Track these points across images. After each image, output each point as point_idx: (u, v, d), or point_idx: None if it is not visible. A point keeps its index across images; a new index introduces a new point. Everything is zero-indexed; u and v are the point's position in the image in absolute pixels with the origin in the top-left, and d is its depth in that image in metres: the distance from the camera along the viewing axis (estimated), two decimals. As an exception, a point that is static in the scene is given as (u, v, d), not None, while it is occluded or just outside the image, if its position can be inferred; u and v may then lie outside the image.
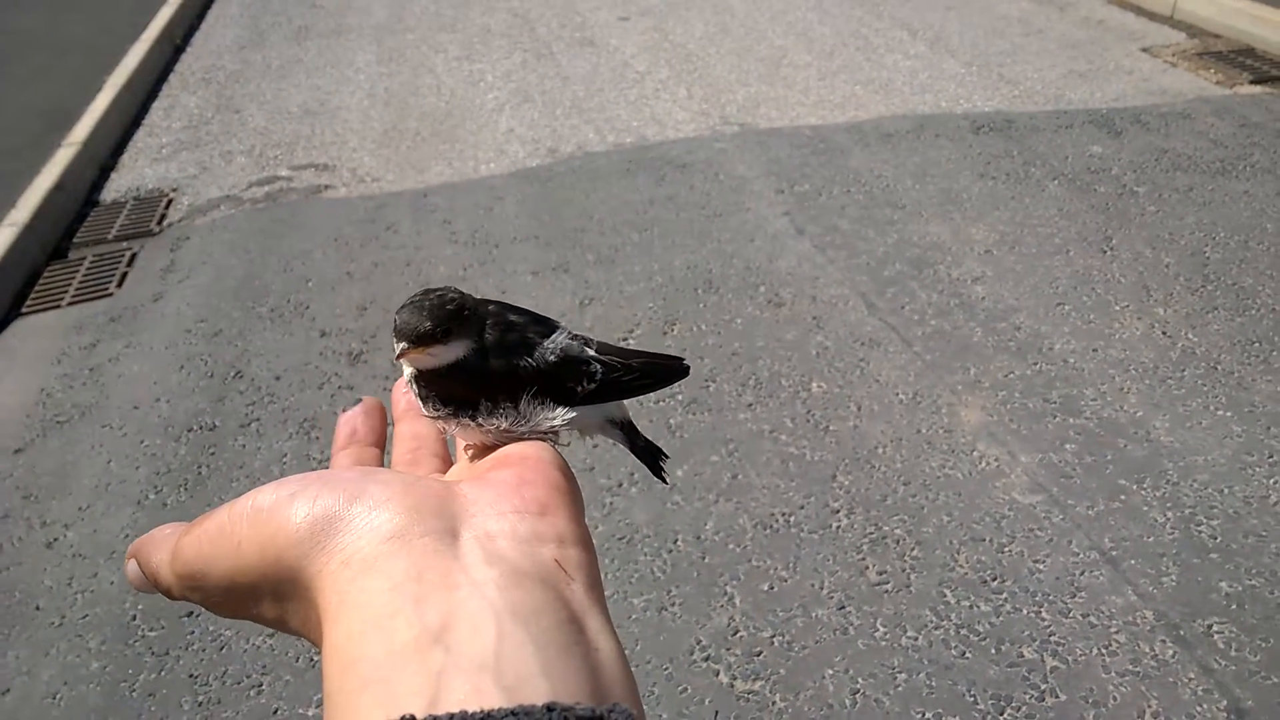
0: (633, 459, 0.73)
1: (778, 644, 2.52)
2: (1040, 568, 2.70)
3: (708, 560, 2.79)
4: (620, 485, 3.04)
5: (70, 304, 4.28)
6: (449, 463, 0.63)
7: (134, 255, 4.65)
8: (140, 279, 4.45)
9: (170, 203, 5.14)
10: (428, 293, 0.61)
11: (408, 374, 0.63)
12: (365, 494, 0.45)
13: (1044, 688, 2.38)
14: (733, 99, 6.04)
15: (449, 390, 0.61)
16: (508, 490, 0.48)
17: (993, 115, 5.62)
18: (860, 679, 2.42)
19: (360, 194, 5.12)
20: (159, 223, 4.93)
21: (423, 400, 0.62)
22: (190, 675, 2.54)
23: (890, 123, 5.59)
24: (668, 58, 6.82)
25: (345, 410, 0.66)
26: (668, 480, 0.68)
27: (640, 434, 0.72)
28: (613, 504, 2.98)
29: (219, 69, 7.11)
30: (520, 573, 0.42)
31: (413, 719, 0.35)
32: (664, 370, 0.68)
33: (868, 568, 2.74)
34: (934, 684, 2.40)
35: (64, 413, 3.55)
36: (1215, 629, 2.50)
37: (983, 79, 6.18)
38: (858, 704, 2.37)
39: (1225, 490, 2.93)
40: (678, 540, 2.85)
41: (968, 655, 2.47)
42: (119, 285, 4.40)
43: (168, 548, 0.50)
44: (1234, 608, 2.56)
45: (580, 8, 8.05)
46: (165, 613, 2.71)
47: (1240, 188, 4.69)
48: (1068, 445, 3.14)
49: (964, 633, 2.52)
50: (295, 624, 0.46)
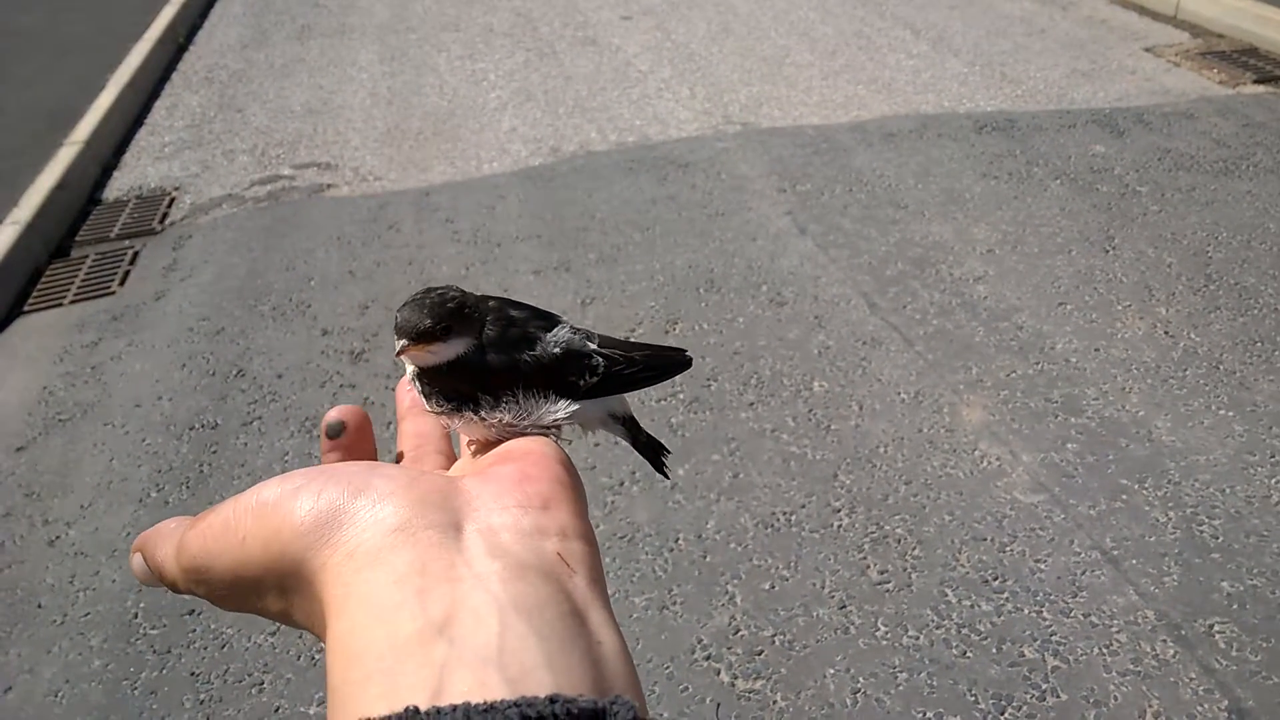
0: (633, 458, 0.73)
1: (779, 643, 2.52)
2: (1042, 567, 2.70)
3: (709, 559, 2.79)
4: (622, 484, 3.04)
5: (72, 302, 4.28)
6: (453, 459, 0.63)
7: (136, 254, 4.66)
8: (142, 277, 4.45)
9: (173, 201, 5.15)
10: (428, 291, 0.61)
11: (410, 371, 0.63)
12: (369, 488, 0.45)
13: (1045, 687, 2.38)
14: (735, 98, 6.04)
15: (451, 386, 0.61)
16: (510, 484, 0.48)
17: (995, 115, 5.62)
18: (861, 678, 2.42)
19: (363, 193, 5.12)
20: (161, 221, 4.94)
21: (426, 397, 0.62)
22: (192, 673, 2.54)
23: (893, 122, 5.58)
24: (670, 57, 6.82)
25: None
26: (670, 475, 0.68)
27: (642, 429, 0.72)
28: (614, 503, 2.98)
29: (222, 68, 7.11)
30: (523, 566, 0.42)
31: (416, 711, 0.35)
32: (666, 362, 0.69)
33: (869, 567, 2.74)
34: (935, 683, 2.40)
35: (66, 411, 3.56)
36: (1216, 629, 2.50)
37: (985, 78, 6.17)
38: (859, 703, 2.36)
39: (1227, 490, 2.93)
40: (679, 539, 2.85)
41: (969, 655, 2.46)
42: (121, 284, 4.41)
43: (173, 542, 0.50)
44: (1235, 608, 2.55)
45: (583, 7, 8.05)
46: (167, 611, 2.71)
47: (1243, 187, 4.68)
48: (1069, 445, 3.13)
49: (965, 632, 2.52)
50: (299, 617, 0.47)
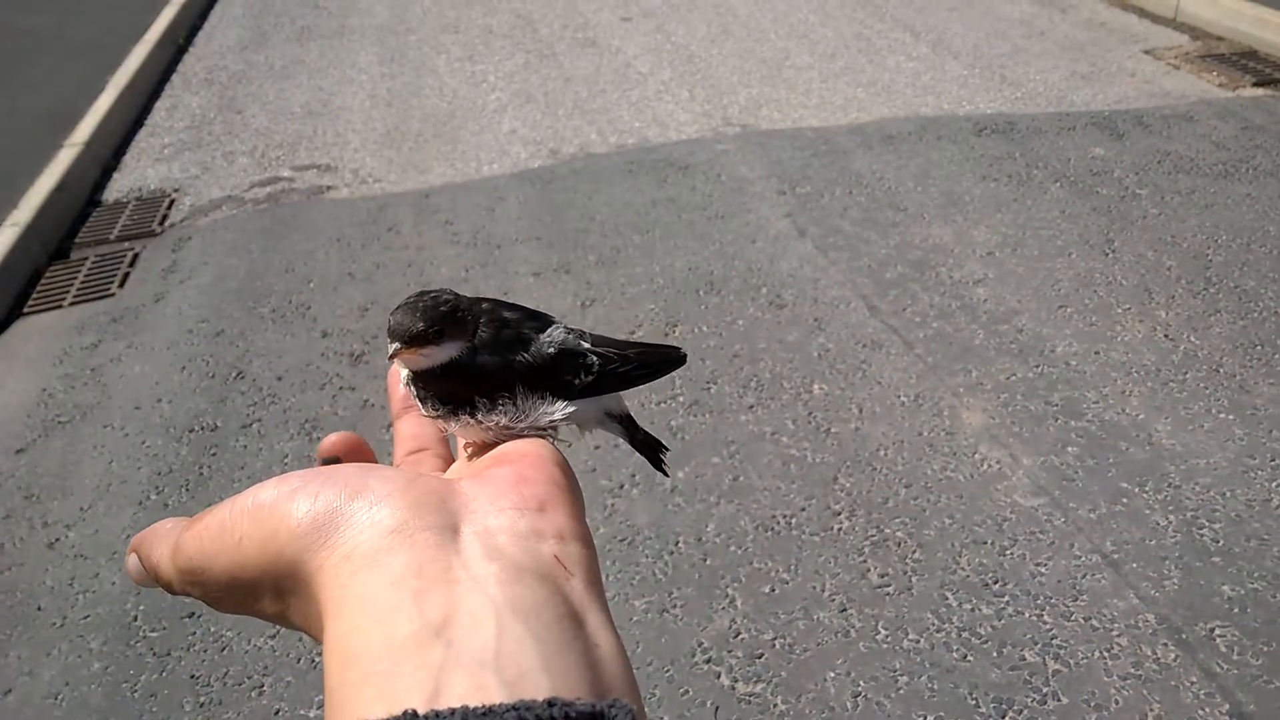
0: (633, 460, 0.73)
1: (779, 646, 2.52)
2: (1042, 571, 2.70)
3: (709, 562, 2.78)
4: (621, 487, 3.04)
5: (72, 304, 4.28)
6: (449, 461, 0.63)
7: (136, 255, 4.66)
8: (142, 279, 4.45)
9: (172, 203, 5.14)
10: (422, 294, 0.61)
11: (405, 375, 0.63)
12: (366, 490, 0.45)
13: (1045, 691, 2.37)
14: (735, 100, 6.04)
15: (446, 389, 0.61)
16: (507, 487, 0.48)
17: (995, 117, 5.62)
18: (862, 681, 2.42)
19: (362, 195, 5.12)
20: (161, 223, 4.94)
21: (421, 401, 0.62)
22: (192, 676, 2.54)
23: (892, 125, 5.58)
24: (670, 59, 6.82)
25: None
26: (668, 473, 0.68)
27: (639, 427, 0.72)
28: (614, 506, 2.98)
29: (221, 69, 7.11)
30: (520, 568, 0.42)
31: (414, 714, 0.35)
32: (660, 359, 0.69)
33: (869, 570, 2.74)
34: (935, 687, 2.40)
35: (65, 413, 3.55)
36: (1217, 632, 2.50)
37: (985, 81, 6.17)
38: (859, 707, 2.36)
39: (1227, 493, 2.93)
40: (679, 542, 2.85)
41: (969, 658, 2.46)
42: (121, 285, 4.41)
43: (169, 543, 0.50)
44: (1236, 611, 2.55)
45: (583, 9, 8.05)
46: (166, 613, 2.71)
47: (1243, 190, 4.68)
48: (1069, 448, 3.13)
49: (965, 635, 2.52)
50: (296, 619, 0.46)
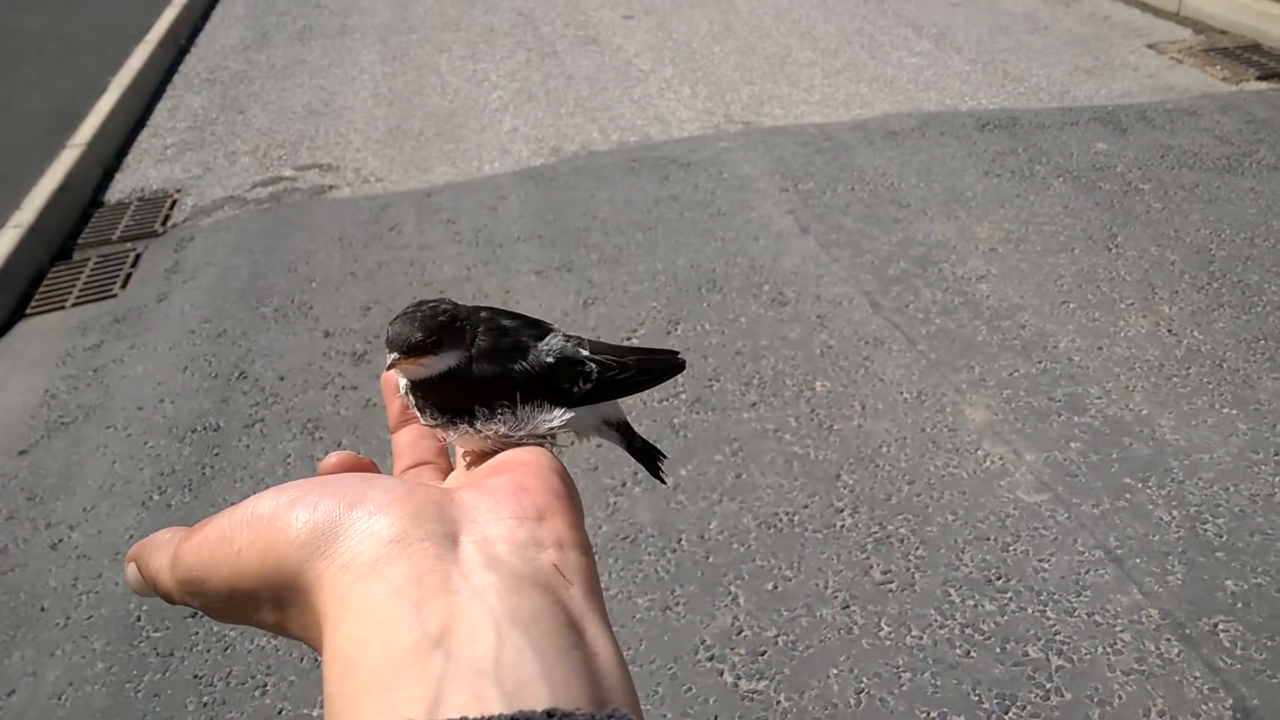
0: None
1: (782, 643, 2.52)
2: (1045, 566, 2.70)
3: (712, 560, 2.78)
4: (624, 485, 3.04)
5: (75, 305, 4.29)
6: (448, 470, 0.63)
7: (138, 256, 4.66)
8: (144, 280, 4.46)
9: (174, 203, 5.15)
10: (420, 304, 0.61)
11: (403, 385, 0.63)
12: (365, 499, 0.45)
13: (1049, 686, 2.37)
14: (737, 97, 6.03)
15: (445, 398, 0.61)
16: (506, 496, 0.48)
17: (998, 113, 5.60)
18: (865, 678, 2.42)
19: (364, 194, 5.12)
20: (163, 223, 4.94)
21: (420, 410, 0.62)
22: (195, 676, 2.54)
23: (895, 120, 5.57)
24: (672, 56, 6.81)
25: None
26: (666, 481, 0.68)
27: (637, 435, 0.72)
28: (616, 504, 2.98)
29: (223, 69, 7.12)
30: (519, 577, 0.43)
31: None
32: (659, 366, 0.69)
33: (872, 567, 2.73)
34: (939, 683, 2.40)
35: (68, 414, 3.56)
36: (1221, 627, 2.49)
37: (988, 76, 6.16)
38: (862, 703, 2.36)
39: (1231, 488, 2.92)
40: (681, 540, 2.85)
41: (973, 654, 2.46)
42: (123, 286, 4.41)
43: (168, 553, 0.50)
44: (1240, 606, 2.55)
45: (584, 6, 8.05)
46: (170, 613, 2.71)
47: (1246, 184, 4.67)
48: (1073, 444, 3.13)
49: (969, 632, 2.52)
50: (295, 629, 0.47)
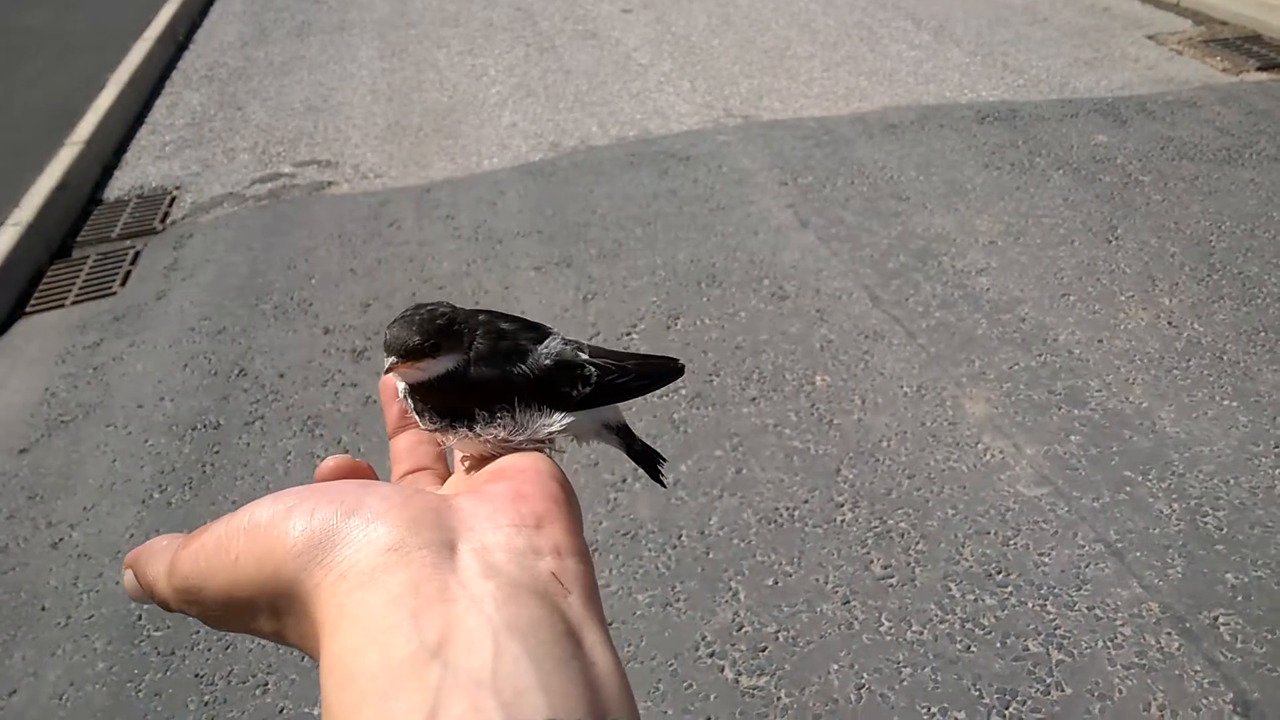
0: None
1: (782, 639, 2.52)
2: (1045, 560, 2.70)
3: (712, 555, 2.78)
4: (624, 481, 3.04)
5: (74, 303, 4.29)
6: (446, 475, 0.63)
7: (137, 254, 4.66)
8: (144, 277, 4.45)
9: (173, 200, 5.14)
10: (418, 308, 0.61)
11: (402, 389, 0.63)
12: (362, 507, 0.45)
13: (1049, 681, 2.37)
14: (736, 91, 6.02)
15: (444, 402, 0.60)
16: (504, 503, 0.48)
17: (997, 105, 5.59)
18: (865, 674, 2.42)
19: (363, 190, 5.12)
20: (162, 221, 4.94)
21: (418, 414, 0.62)
22: (196, 675, 2.54)
23: (894, 113, 5.56)
24: (670, 50, 6.79)
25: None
26: (666, 484, 0.68)
27: (636, 438, 0.72)
28: (617, 500, 2.98)
29: (222, 66, 7.11)
30: (517, 586, 0.43)
31: None
32: (658, 371, 0.68)
33: (872, 562, 2.73)
34: (939, 678, 2.40)
35: (69, 412, 3.56)
36: (1221, 621, 2.49)
37: (987, 68, 6.14)
38: (863, 699, 2.36)
39: (1231, 481, 2.92)
40: (682, 535, 2.85)
41: (973, 649, 2.46)
42: (122, 284, 4.41)
43: (164, 560, 0.50)
44: (1240, 599, 2.55)
45: (582, 1, 8.02)
46: (170, 614, 2.71)
47: (1246, 176, 4.66)
48: (1073, 437, 3.12)
49: (969, 626, 2.52)
50: (293, 638, 0.47)
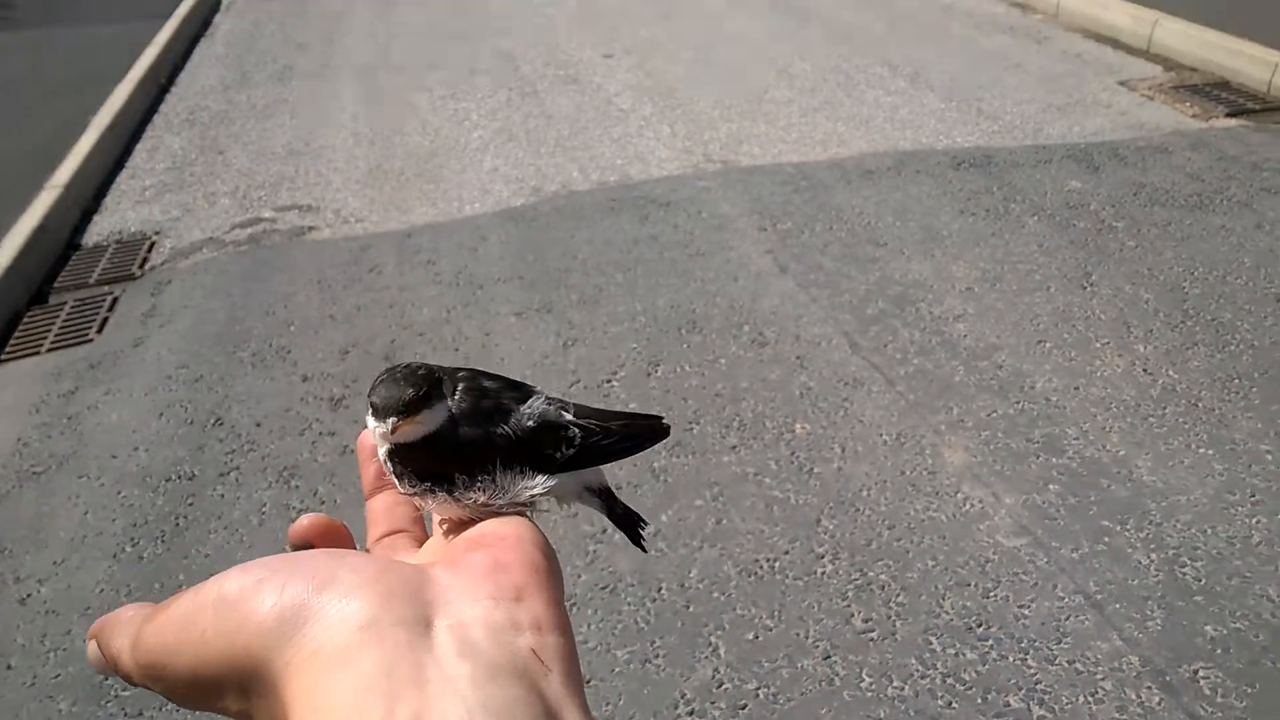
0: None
1: (763, 696, 2.50)
2: (1025, 613, 2.69)
3: (692, 609, 2.76)
4: (604, 532, 3.01)
5: (50, 350, 4.24)
6: (423, 539, 0.62)
7: (115, 300, 4.63)
8: (121, 324, 4.42)
9: (153, 246, 5.12)
10: (394, 367, 0.60)
11: (383, 452, 0.61)
12: (335, 581, 0.44)
13: (1031, 737, 2.36)
14: (715, 136, 6.07)
15: (424, 465, 0.59)
16: (483, 574, 0.47)
17: (972, 151, 5.66)
18: (846, 731, 2.40)
19: (344, 235, 5.11)
20: (141, 266, 4.92)
21: (398, 478, 0.61)
22: (166, 735, 2.49)
23: (871, 159, 5.62)
24: (651, 95, 6.86)
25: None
26: (646, 549, 0.67)
27: (619, 501, 0.71)
28: (596, 552, 2.95)
29: (203, 110, 7.12)
30: (495, 666, 0.42)
31: None
32: (643, 432, 0.68)
33: (853, 615, 2.72)
34: (920, 735, 2.38)
35: (41, 463, 3.51)
36: (1201, 674, 2.49)
37: (962, 114, 6.23)
38: (843, 757, 2.34)
39: (1209, 530, 2.93)
40: (661, 589, 2.83)
41: (954, 705, 2.44)
42: (99, 331, 4.38)
43: (130, 632, 0.48)
44: (1219, 652, 2.54)
45: (564, 46, 8.10)
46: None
47: (1218, 222, 4.72)
48: (1051, 486, 3.13)
49: (950, 682, 2.50)
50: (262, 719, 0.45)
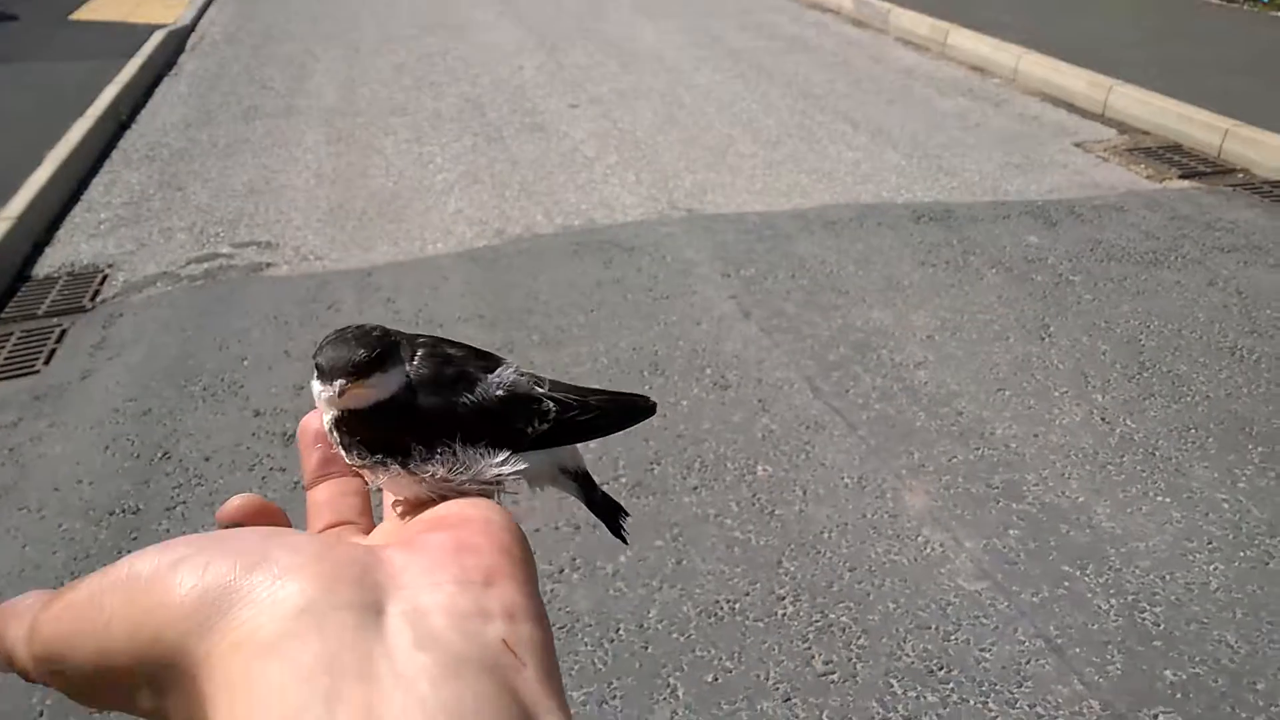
0: (575, 542, 0.67)
1: (721, 738, 2.44)
2: (986, 656, 2.66)
3: (650, 650, 2.70)
4: (561, 571, 2.96)
5: (-6, 381, 4.13)
6: (371, 530, 0.55)
7: (64, 331, 4.52)
8: (69, 356, 4.31)
9: (105, 279, 5.03)
10: (345, 328, 0.55)
11: (328, 419, 0.56)
12: (268, 560, 0.38)
13: (993, 783, 2.32)
14: (680, 185, 6.12)
15: (375, 434, 0.53)
16: (446, 555, 0.41)
17: (932, 205, 5.75)
18: (806, 775, 2.34)
19: (303, 272, 5.06)
20: (92, 299, 4.81)
21: (345, 449, 0.55)
22: (96, 778, 2.37)
23: (834, 210, 5.69)
24: (616, 144, 6.91)
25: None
26: (628, 540, 0.61)
27: (598, 486, 0.65)
28: (553, 591, 2.89)
29: (164, 146, 7.05)
30: (459, 659, 0.36)
31: None
32: (627, 408, 0.62)
33: (814, 657, 2.67)
34: (881, 780, 2.33)
35: (-22, 495, 3.39)
36: (1161, 718, 2.47)
37: (922, 170, 6.34)
38: (803, 802, 2.28)
39: (1167, 576, 2.93)
40: (619, 629, 2.77)
41: (915, 749, 2.40)
42: (46, 362, 4.26)
43: (26, 621, 0.42)
44: (1179, 697, 2.53)
45: (531, 95, 8.17)
46: (76, 709, 2.54)
47: (1172, 277, 4.82)
48: (1011, 531, 3.13)
49: (911, 725, 2.46)
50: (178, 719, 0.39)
